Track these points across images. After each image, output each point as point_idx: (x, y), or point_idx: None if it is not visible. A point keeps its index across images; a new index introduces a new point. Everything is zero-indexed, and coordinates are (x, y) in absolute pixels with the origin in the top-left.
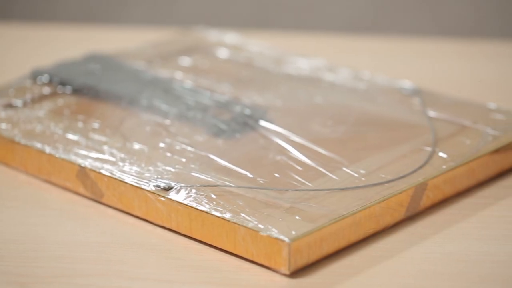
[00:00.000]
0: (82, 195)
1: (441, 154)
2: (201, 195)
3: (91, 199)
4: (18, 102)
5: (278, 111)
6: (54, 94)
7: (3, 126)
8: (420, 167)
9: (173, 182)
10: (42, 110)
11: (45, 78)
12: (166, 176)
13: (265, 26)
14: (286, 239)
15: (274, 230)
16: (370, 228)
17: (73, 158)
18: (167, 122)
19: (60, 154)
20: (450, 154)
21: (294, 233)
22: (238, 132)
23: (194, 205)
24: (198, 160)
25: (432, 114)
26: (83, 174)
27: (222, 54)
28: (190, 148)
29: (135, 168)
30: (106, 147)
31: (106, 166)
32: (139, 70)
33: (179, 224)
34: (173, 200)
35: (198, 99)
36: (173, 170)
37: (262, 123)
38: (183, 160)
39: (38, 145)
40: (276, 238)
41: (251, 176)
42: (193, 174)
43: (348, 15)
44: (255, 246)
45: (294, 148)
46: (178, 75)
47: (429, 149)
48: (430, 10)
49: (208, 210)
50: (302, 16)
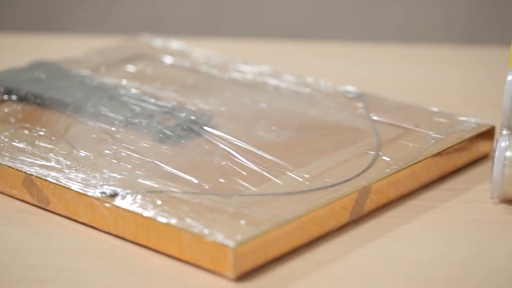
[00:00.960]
0: (28, 203)
1: (384, 157)
2: (146, 201)
3: (38, 207)
4: None
5: (223, 117)
6: None
7: None
8: (363, 171)
9: (118, 188)
10: None
11: None
12: (112, 182)
13: (210, 33)
14: (231, 244)
15: (219, 235)
16: (315, 232)
17: (19, 165)
18: (113, 129)
19: (6, 161)
20: (393, 158)
21: (239, 237)
22: (183, 138)
23: (139, 211)
24: (144, 166)
25: (375, 118)
26: (29, 181)
27: (167, 61)
28: (135, 154)
29: (81, 175)
30: (52, 155)
31: (52, 174)
32: (85, 77)
33: (125, 230)
34: (119, 206)
35: (143, 106)
36: (119, 177)
37: (207, 129)
38: (129, 166)
39: None
40: (221, 243)
41: (196, 181)
42: (139, 180)
43: (291, 22)
44: (201, 251)
45: (239, 153)
46: (124, 82)
47: (372, 152)
48: (371, 16)
49: (153, 216)
50: (246, 23)
